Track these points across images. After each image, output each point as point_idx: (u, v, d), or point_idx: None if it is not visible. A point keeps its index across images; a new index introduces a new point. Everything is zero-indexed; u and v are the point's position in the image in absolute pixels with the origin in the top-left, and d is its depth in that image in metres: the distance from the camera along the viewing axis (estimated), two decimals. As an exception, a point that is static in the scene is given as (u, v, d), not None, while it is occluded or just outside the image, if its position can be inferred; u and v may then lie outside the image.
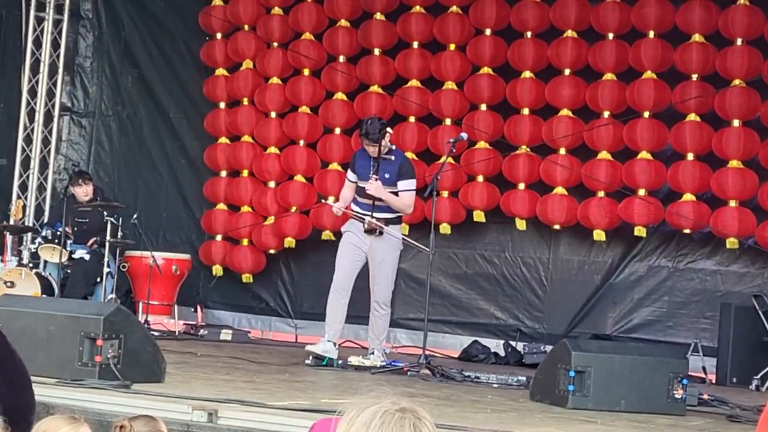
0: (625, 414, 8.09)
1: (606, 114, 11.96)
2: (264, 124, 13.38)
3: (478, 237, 12.73)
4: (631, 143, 11.83)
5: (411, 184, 10.07)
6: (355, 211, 10.12)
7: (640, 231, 11.84)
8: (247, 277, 13.44)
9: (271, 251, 13.31)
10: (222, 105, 13.67)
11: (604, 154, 11.96)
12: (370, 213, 9.95)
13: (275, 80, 13.39)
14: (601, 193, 11.94)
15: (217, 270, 13.45)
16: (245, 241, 13.43)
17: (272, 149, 13.36)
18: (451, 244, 12.66)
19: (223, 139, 13.61)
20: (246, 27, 13.58)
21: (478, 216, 12.43)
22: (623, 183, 11.86)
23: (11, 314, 7.68)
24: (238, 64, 13.66)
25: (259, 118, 13.45)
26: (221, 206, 13.53)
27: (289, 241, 13.17)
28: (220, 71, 13.70)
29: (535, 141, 12.21)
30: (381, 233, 9.95)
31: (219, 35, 13.74)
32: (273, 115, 13.38)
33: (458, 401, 8.32)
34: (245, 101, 13.54)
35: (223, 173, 13.59)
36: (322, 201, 11.57)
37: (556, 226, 12.15)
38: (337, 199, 10.91)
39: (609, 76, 11.98)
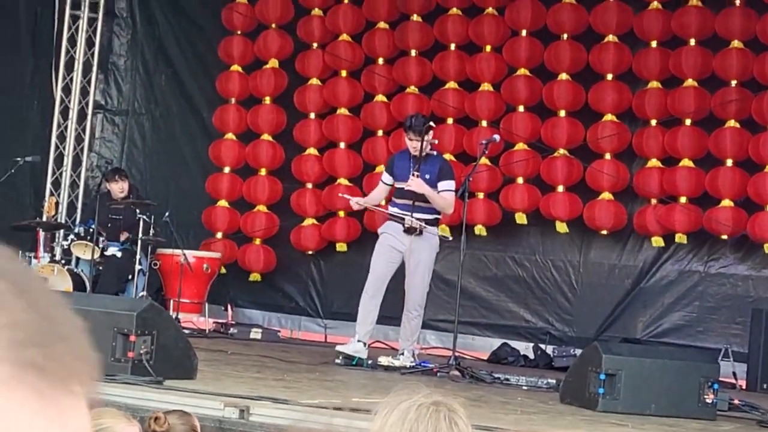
0: (655, 418, 8.08)
1: (653, 122, 11.92)
2: (304, 125, 13.41)
3: (509, 240, 12.73)
4: (673, 150, 11.80)
5: (451, 184, 10.05)
6: (392, 212, 10.10)
7: (681, 238, 11.81)
8: (255, 276, 13.49)
9: (309, 252, 13.34)
10: (232, 101, 13.72)
11: (654, 162, 11.91)
12: (409, 213, 9.94)
13: (314, 81, 13.42)
14: (654, 201, 11.90)
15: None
16: (257, 241, 13.47)
17: (311, 150, 13.39)
18: (482, 246, 12.66)
19: (230, 135, 13.65)
20: (273, 25, 13.61)
21: (520, 218, 12.41)
22: (666, 190, 11.84)
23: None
24: (256, 62, 13.69)
25: (284, 116, 13.48)
26: (222, 203, 13.62)
27: (341, 246, 13.18)
28: (235, 67, 13.73)
29: (573, 143, 12.19)
30: (421, 233, 9.93)
31: (239, 32, 13.78)
32: (312, 116, 13.41)
33: (488, 402, 8.32)
34: (267, 100, 13.58)
35: (227, 169, 13.64)
36: (343, 196, 11.56)
37: (603, 231, 12.12)
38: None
39: (654, 83, 11.94)
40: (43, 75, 14.28)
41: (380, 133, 13.09)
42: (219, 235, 13.63)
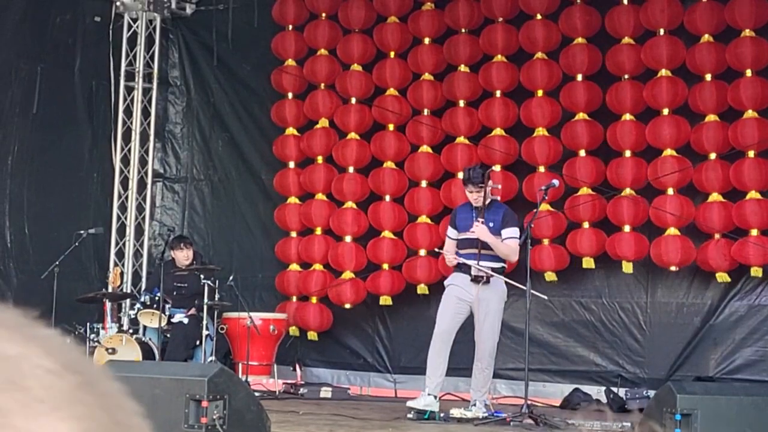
0: (735, 456, 7.96)
1: (713, 156, 11.85)
2: (343, 179, 13.47)
3: (574, 284, 12.66)
4: (739, 184, 11.71)
5: (515, 231, 10.02)
6: (461, 261, 10.07)
7: (756, 272, 11.67)
8: (312, 335, 13.51)
9: (347, 305, 13.35)
10: (291, 164, 13.80)
11: (715, 196, 11.83)
12: (476, 262, 9.91)
13: (353, 135, 13.50)
14: (717, 236, 11.80)
15: (294, 331, 13.55)
16: (313, 299, 13.51)
17: (349, 204, 13.43)
18: (547, 292, 12.58)
19: (293, 199, 13.74)
20: (322, 85, 13.72)
21: (588, 262, 12.35)
22: (734, 224, 11.73)
23: (117, 380, 7.76)
24: (309, 123, 13.79)
25: (334, 174, 13.58)
26: (294, 266, 13.67)
27: (385, 299, 13.23)
28: (290, 130, 13.84)
29: (639, 183, 12.13)
30: (488, 281, 9.90)
31: (290, 95, 13.89)
32: (351, 169, 13.47)
33: (564, 449, 8.24)
34: (319, 159, 13.65)
35: (294, 233, 13.71)
36: (440, 250, 11.55)
37: (673, 267, 12.02)
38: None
39: (712, 117, 11.87)
40: (101, 147, 14.45)
41: (424, 184, 13.12)
42: (294, 299, 13.67)
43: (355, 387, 13.32)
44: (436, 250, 11.82)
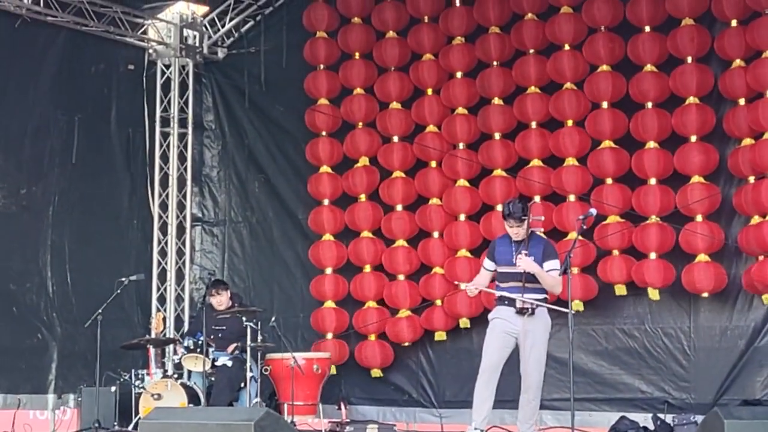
0: (785, 480, 7.90)
1: (751, 179, 11.81)
2: (391, 218, 13.52)
3: (615, 311, 12.63)
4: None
5: (556, 264, 10.00)
6: (504, 294, 10.05)
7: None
8: (376, 372, 13.53)
9: (406, 343, 13.39)
10: (326, 202, 13.87)
11: (756, 219, 11.78)
12: (520, 294, 9.90)
13: (398, 174, 13.55)
14: (761, 257, 11.74)
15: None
16: (372, 336, 13.53)
17: (400, 242, 13.48)
18: (589, 320, 12.58)
19: (327, 236, 13.79)
20: (360, 124, 13.79)
21: (620, 290, 12.35)
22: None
23: (164, 427, 7.81)
24: (344, 161, 13.85)
25: (381, 212, 13.64)
26: (329, 304, 13.73)
27: (440, 334, 13.27)
28: (324, 168, 13.90)
29: (666, 210, 12.12)
30: (533, 312, 9.88)
31: (324, 133, 13.96)
32: (399, 207, 13.52)
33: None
34: (362, 198, 13.71)
35: (329, 270, 13.78)
36: (458, 284, 11.58)
37: (705, 294, 11.99)
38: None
39: (747, 141, 11.85)
40: (140, 194, 14.56)
41: (462, 217, 13.13)
42: (329, 335, 13.72)
43: (401, 423, 13.31)
44: (455, 283, 11.82)
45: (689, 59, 12.16)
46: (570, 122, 12.69)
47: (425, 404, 13.47)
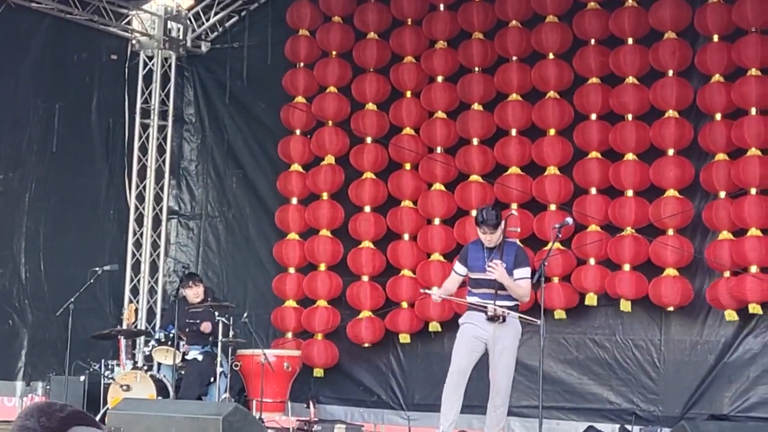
0: (749, 495, 7.96)
1: (722, 194, 11.86)
2: (357, 219, 13.53)
3: (587, 321, 12.67)
4: (740, 221, 11.73)
5: (527, 272, 10.02)
6: (472, 303, 10.07)
7: (755, 308, 11.68)
8: (318, 372, 13.53)
9: (366, 344, 13.40)
10: (294, 201, 13.88)
11: (725, 234, 11.83)
12: (492, 302, 9.91)
13: (368, 174, 13.57)
14: (726, 273, 11.80)
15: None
16: (319, 336, 13.54)
17: (366, 243, 13.49)
18: (560, 329, 12.61)
19: (293, 235, 13.79)
20: (330, 123, 13.80)
21: (590, 299, 12.40)
22: (736, 262, 11.75)
23: (132, 418, 7.81)
24: (316, 160, 13.89)
25: (341, 211, 13.66)
26: (290, 303, 13.72)
27: (404, 337, 13.29)
28: (295, 167, 13.92)
29: (641, 222, 12.17)
30: (504, 320, 9.91)
31: (298, 131, 13.98)
32: (368, 209, 13.54)
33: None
34: (324, 196, 13.72)
35: (292, 270, 13.78)
36: (424, 291, 11.61)
37: (670, 308, 12.06)
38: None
39: (721, 156, 11.91)
40: (117, 184, 14.54)
41: (437, 221, 13.16)
42: (289, 334, 13.73)
43: (368, 424, 13.31)
44: (422, 290, 11.84)
45: (670, 72, 12.21)
46: (552, 131, 12.72)
47: (394, 406, 13.48)
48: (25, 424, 3.16)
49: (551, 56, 12.79)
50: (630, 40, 12.44)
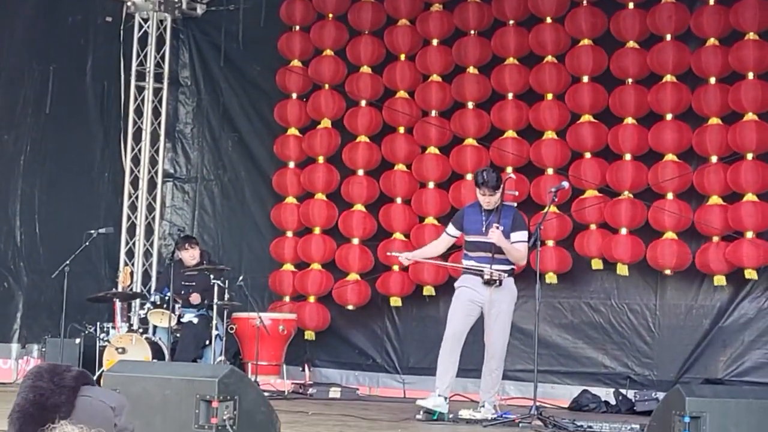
0: (743, 459, 7.96)
1: (714, 158, 11.86)
2: (350, 182, 13.51)
3: (583, 285, 12.68)
4: (736, 186, 11.73)
5: (524, 235, 10.02)
6: (468, 265, 10.06)
7: (750, 274, 11.70)
8: (310, 335, 13.54)
9: (349, 307, 13.40)
10: (291, 164, 13.85)
11: (715, 199, 11.85)
12: (489, 265, 9.91)
13: (362, 138, 13.53)
14: (716, 238, 11.82)
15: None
16: (311, 298, 13.54)
17: (359, 207, 13.47)
18: (556, 293, 12.62)
19: (290, 199, 13.78)
20: (326, 86, 13.75)
21: (596, 264, 12.37)
22: (731, 226, 11.76)
23: (128, 380, 7.79)
24: (313, 123, 13.84)
25: (337, 175, 13.62)
26: (288, 266, 13.72)
27: (395, 300, 13.28)
28: (292, 130, 13.88)
29: (639, 186, 12.16)
30: (501, 283, 9.91)
31: (294, 95, 13.93)
32: (361, 172, 13.50)
33: (573, 451, 8.25)
34: (320, 160, 13.69)
35: (289, 233, 13.77)
36: (391, 254, 11.61)
37: (667, 271, 12.07)
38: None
39: (714, 120, 11.90)
40: (112, 147, 14.50)
41: (431, 185, 13.14)
42: (287, 298, 13.73)
43: (363, 387, 13.35)
44: (388, 253, 11.82)
45: (668, 37, 12.17)
46: (550, 95, 12.69)
47: (389, 370, 13.51)
48: (38, 384, 3.16)
49: (549, 20, 12.73)
50: (631, 5, 12.39)
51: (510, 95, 12.92)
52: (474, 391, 11.00)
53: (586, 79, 12.51)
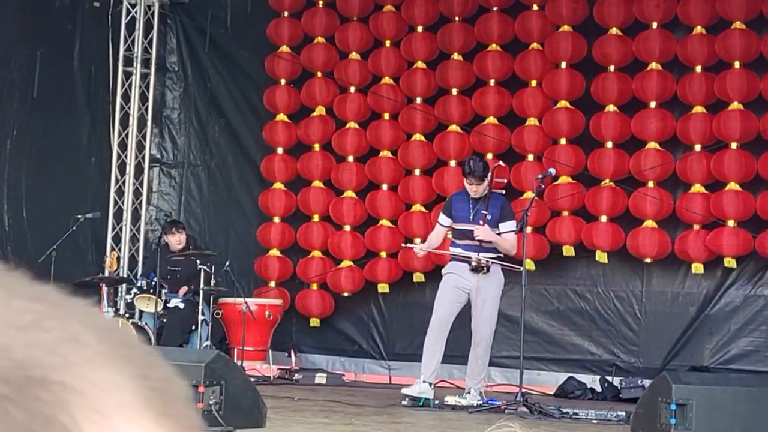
0: (728, 446, 7.99)
1: (698, 147, 11.89)
2: (340, 168, 13.50)
3: (568, 272, 12.70)
4: (719, 174, 11.76)
5: (513, 225, 10.05)
6: (455, 253, 10.08)
7: (729, 262, 11.74)
8: (314, 321, 13.55)
9: (346, 293, 13.40)
10: (280, 150, 13.83)
11: (697, 187, 11.88)
12: (476, 252, 9.93)
13: (352, 124, 13.52)
14: (697, 226, 11.85)
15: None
16: (314, 286, 13.54)
17: (349, 193, 13.46)
18: (542, 280, 12.64)
19: (278, 184, 13.77)
20: (319, 73, 13.74)
21: (568, 250, 12.42)
22: (713, 214, 11.79)
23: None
24: (301, 109, 13.80)
25: (333, 162, 13.61)
26: (274, 252, 13.71)
27: (383, 286, 13.29)
28: (281, 116, 13.86)
29: (620, 173, 12.18)
30: (488, 270, 9.92)
31: (283, 81, 13.91)
32: (350, 159, 13.50)
33: (558, 438, 8.28)
34: (316, 147, 13.68)
35: (277, 219, 13.76)
36: (406, 246, 11.62)
37: (648, 259, 12.09)
38: (423, 242, 10.98)
39: (699, 108, 11.92)
40: (99, 132, 14.46)
41: (417, 172, 13.14)
42: (272, 283, 13.73)
43: (349, 373, 13.36)
44: (403, 245, 11.85)
45: (654, 24, 12.17)
46: (534, 82, 12.70)
47: (375, 356, 13.52)
48: None
49: (535, 7, 12.73)
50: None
51: (492, 81, 12.91)
52: (460, 378, 11.02)
53: (564, 65, 12.52)
